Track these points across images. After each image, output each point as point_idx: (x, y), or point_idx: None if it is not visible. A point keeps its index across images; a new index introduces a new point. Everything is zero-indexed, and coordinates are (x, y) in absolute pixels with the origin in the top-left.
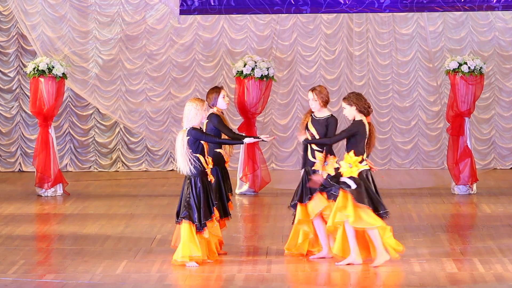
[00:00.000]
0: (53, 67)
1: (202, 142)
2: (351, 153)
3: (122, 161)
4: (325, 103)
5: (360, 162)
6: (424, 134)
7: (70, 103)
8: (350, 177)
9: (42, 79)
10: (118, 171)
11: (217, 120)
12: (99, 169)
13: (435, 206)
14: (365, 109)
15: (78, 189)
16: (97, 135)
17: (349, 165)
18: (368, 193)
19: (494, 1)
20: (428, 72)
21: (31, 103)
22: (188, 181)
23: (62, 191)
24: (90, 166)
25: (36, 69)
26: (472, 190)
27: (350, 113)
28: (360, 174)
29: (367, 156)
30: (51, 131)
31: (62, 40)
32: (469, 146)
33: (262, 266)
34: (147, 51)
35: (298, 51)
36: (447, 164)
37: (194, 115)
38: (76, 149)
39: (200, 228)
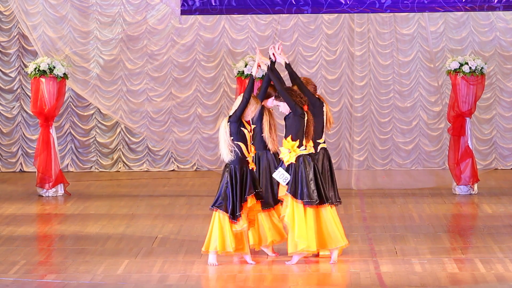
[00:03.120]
0: (54, 67)
1: (242, 129)
2: (289, 138)
3: (123, 161)
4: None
5: (298, 147)
6: (425, 134)
7: (71, 103)
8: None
9: (43, 79)
10: (119, 171)
11: None
12: (100, 169)
13: (436, 206)
14: (300, 101)
15: (79, 189)
16: (98, 135)
17: (288, 151)
18: (305, 184)
19: (495, 1)
20: (429, 72)
21: (32, 103)
22: (228, 169)
23: (63, 191)
24: (91, 166)
25: (37, 69)
26: (473, 190)
27: (285, 108)
28: (297, 163)
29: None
30: (52, 131)
31: (63, 40)
32: (470, 146)
33: (263, 266)
34: (148, 51)
35: (299, 51)
36: (448, 164)
37: (249, 113)
38: (77, 149)
39: (233, 218)
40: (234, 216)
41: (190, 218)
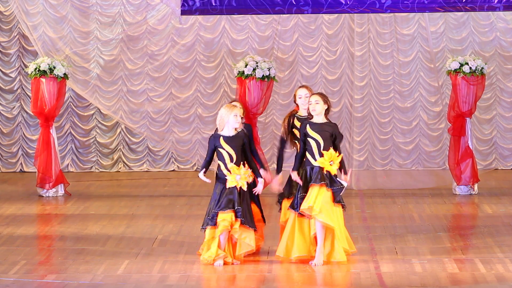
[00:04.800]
0: (54, 68)
1: (219, 149)
2: (331, 150)
3: (123, 162)
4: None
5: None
6: (425, 134)
7: (71, 104)
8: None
9: (43, 80)
10: (119, 171)
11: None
12: (100, 170)
13: (436, 207)
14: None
15: (80, 189)
16: (98, 135)
17: (331, 162)
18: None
19: (496, 2)
20: (430, 72)
21: (33, 104)
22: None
23: (63, 192)
24: (92, 167)
25: (37, 69)
26: (473, 190)
27: (323, 108)
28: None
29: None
30: (53, 131)
31: (63, 41)
32: (470, 147)
33: (263, 266)
34: (149, 52)
35: (299, 51)
36: (448, 165)
37: (220, 121)
38: (77, 149)
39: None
40: (212, 220)
41: (190, 218)
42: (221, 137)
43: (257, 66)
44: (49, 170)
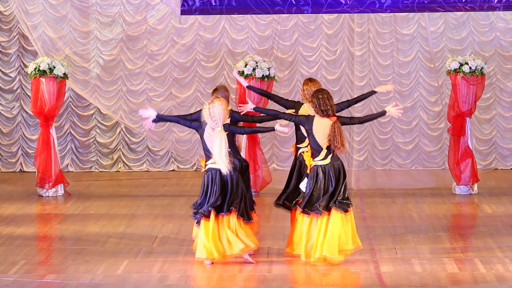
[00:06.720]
0: (54, 67)
1: None
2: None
3: (123, 161)
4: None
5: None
6: (425, 134)
7: (71, 103)
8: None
9: (43, 79)
10: (119, 171)
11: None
12: (100, 169)
13: (436, 206)
14: (316, 109)
15: (79, 189)
16: (98, 135)
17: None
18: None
19: (495, 1)
20: (429, 72)
21: (32, 103)
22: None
23: (63, 191)
24: (91, 166)
25: (37, 69)
26: (473, 190)
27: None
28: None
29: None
30: (52, 131)
31: (63, 40)
32: (470, 146)
33: (263, 266)
34: (148, 51)
35: (299, 51)
36: (448, 164)
37: (227, 113)
38: (77, 149)
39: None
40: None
41: (190, 218)
42: None
43: (256, 66)
44: (48, 170)
